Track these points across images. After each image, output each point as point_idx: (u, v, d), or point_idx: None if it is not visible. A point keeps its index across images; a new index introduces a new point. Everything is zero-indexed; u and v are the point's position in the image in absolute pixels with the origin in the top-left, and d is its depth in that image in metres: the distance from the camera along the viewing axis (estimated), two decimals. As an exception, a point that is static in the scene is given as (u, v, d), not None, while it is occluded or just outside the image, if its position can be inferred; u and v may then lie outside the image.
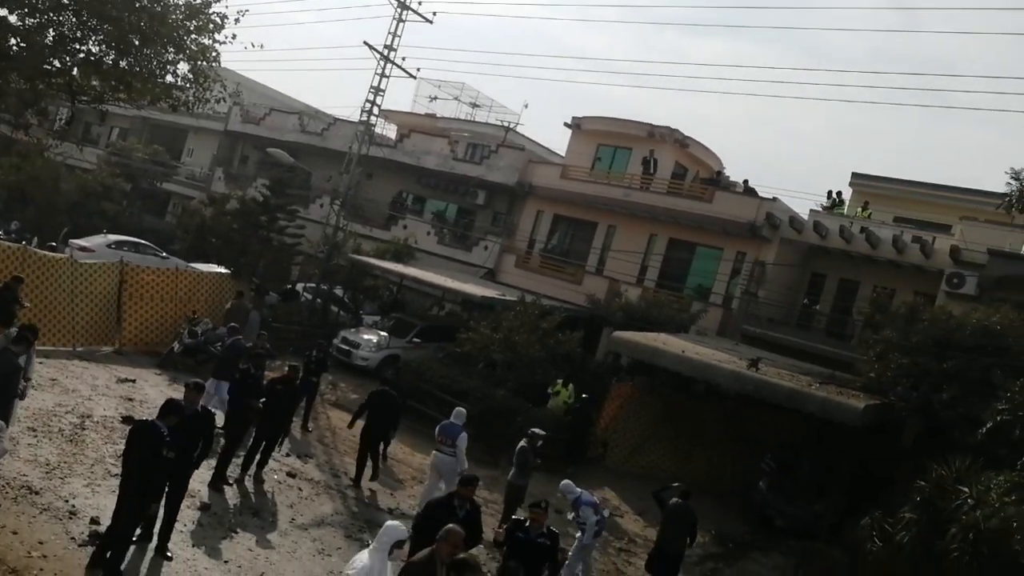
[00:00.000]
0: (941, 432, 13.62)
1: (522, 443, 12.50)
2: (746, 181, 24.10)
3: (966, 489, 11.08)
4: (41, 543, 7.87)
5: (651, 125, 26.03)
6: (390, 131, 35.23)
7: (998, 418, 11.62)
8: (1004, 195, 17.29)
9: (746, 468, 16.83)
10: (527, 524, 8.08)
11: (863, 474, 14.94)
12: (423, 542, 6.94)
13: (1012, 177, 13.09)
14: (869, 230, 20.76)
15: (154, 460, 7.48)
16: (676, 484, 11.79)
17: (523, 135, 32.43)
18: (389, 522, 6.07)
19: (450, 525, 6.29)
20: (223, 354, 14.19)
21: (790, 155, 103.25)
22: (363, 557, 5.67)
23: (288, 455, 12.99)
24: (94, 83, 13.82)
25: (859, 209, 23.25)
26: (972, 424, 12.59)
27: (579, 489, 10.88)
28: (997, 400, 11.95)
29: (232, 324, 15.27)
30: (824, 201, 23.61)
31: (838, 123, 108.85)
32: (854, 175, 25.98)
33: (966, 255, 18.96)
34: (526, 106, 50.54)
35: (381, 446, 13.28)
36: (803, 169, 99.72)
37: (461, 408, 12.62)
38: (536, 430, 12.81)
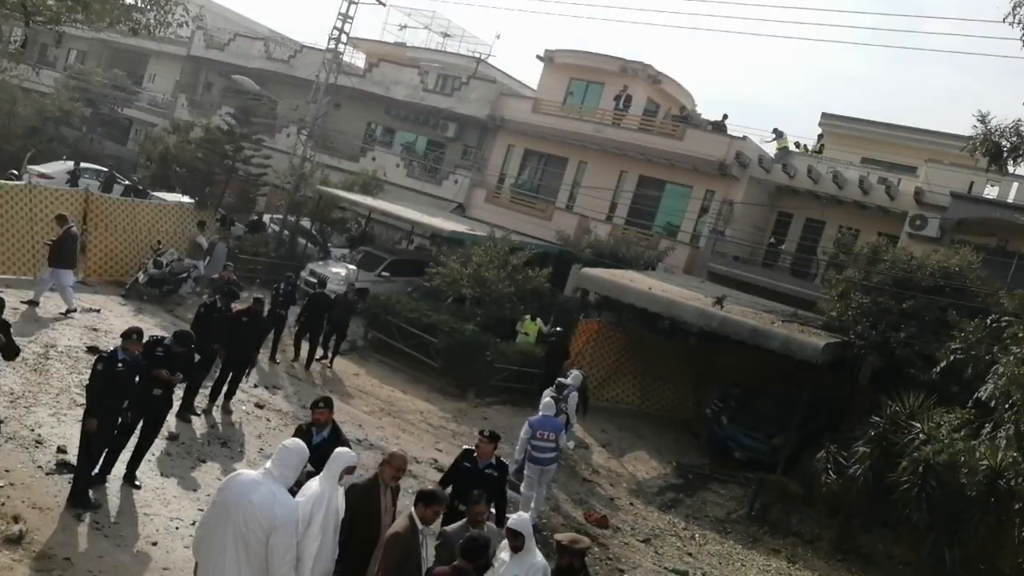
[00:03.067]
0: (898, 370, 14.03)
1: (551, 393, 12.39)
2: (725, 116, 23.93)
3: (918, 425, 11.53)
4: (7, 471, 7.88)
5: (624, 60, 25.73)
6: (359, 60, 34.39)
7: (951, 357, 11.98)
8: (970, 138, 17.46)
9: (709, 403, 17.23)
10: (474, 454, 7.86)
11: (820, 409, 15.38)
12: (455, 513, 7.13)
13: (978, 120, 13.14)
14: (837, 171, 20.92)
15: (114, 389, 7.71)
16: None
17: (495, 67, 31.88)
18: (339, 448, 6.13)
19: (394, 449, 6.66)
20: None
21: (762, 95, 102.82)
22: (313, 484, 5.74)
23: (256, 386, 13.03)
24: (50, 3, 13.26)
25: (812, 145, 23.37)
26: (928, 362, 12.98)
27: (544, 412, 10.92)
28: (952, 340, 12.29)
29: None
30: (766, 137, 23.55)
31: (810, 63, 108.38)
32: (823, 115, 26.01)
33: (930, 197, 19.26)
34: (498, 37, 50.36)
35: (325, 344, 15.42)
36: (775, 110, 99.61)
37: (549, 399, 11.63)
38: (560, 380, 12.81)
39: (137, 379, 8.02)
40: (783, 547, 12.31)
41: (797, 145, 23.31)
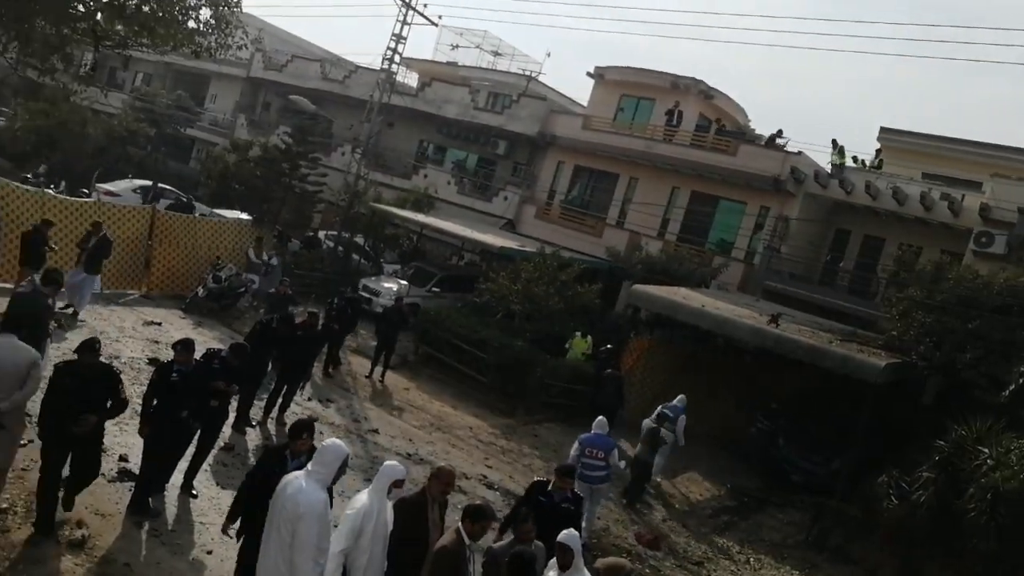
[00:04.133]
0: (963, 392, 13.55)
1: (650, 422, 12.85)
2: (779, 131, 23.57)
3: (986, 450, 11.06)
4: (70, 479, 8.07)
5: (675, 76, 25.59)
6: (411, 79, 34.89)
7: (1021, 380, 11.52)
8: (1038, 152, 16.92)
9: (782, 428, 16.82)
10: (549, 487, 7.64)
11: (882, 432, 14.93)
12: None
13: (1047, 134, 12.80)
14: (897, 186, 20.41)
15: (169, 399, 7.86)
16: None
17: (545, 85, 32.07)
18: (387, 462, 6.14)
19: (440, 464, 6.56)
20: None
21: (817, 109, 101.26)
22: (362, 497, 5.77)
23: (310, 399, 13.18)
24: (118, 28, 13.75)
25: (868, 160, 22.81)
26: (995, 384, 12.52)
27: (598, 430, 10.84)
28: (1022, 362, 11.83)
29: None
30: (821, 149, 23.04)
31: (868, 77, 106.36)
32: (882, 129, 25.41)
33: (996, 213, 18.63)
34: (548, 55, 50.40)
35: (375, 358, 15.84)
36: (831, 124, 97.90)
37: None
38: (665, 410, 13.26)
39: (193, 389, 8.14)
40: (842, 575, 11.93)
41: (855, 160, 22.78)
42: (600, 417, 11.27)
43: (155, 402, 7.86)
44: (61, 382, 6.94)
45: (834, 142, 22.53)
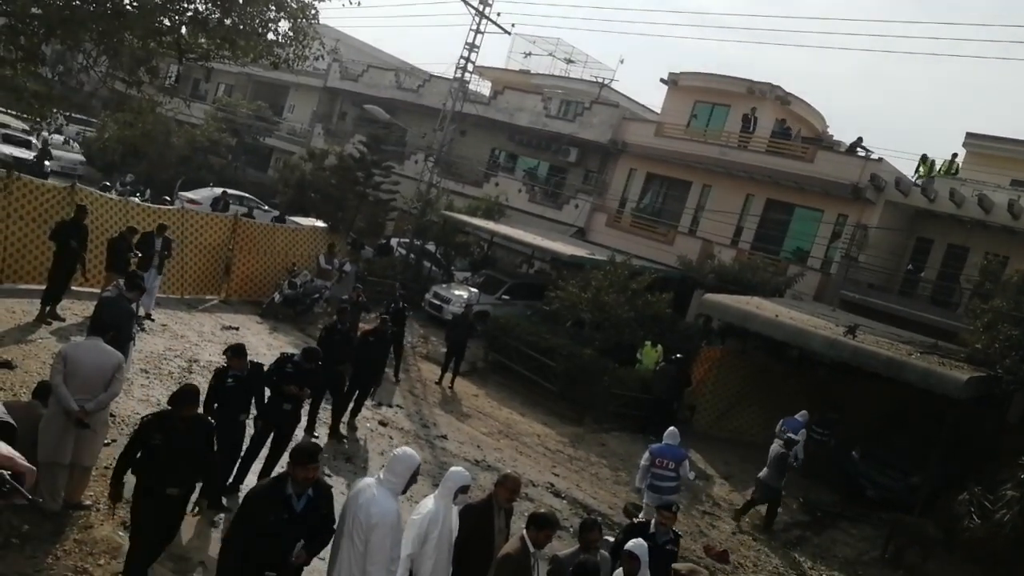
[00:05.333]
0: (1052, 408, 12.95)
1: (779, 448, 12.73)
2: (860, 139, 22.91)
3: (1075, 469, 10.56)
4: (153, 477, 8.42)
5: (751, 81, 25.16)
6: (484, 88, 35.26)
7: (1114, 397, 10.95)
8: None
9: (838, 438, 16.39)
10: (652, 529, 7.28)
11: (963, 448, 14.37)
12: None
13: None
14: (983, 193, 19.62)
15: (225, 403, 8.02)
16: None
17: (618, 91, 31.92)
18: (453, 468, 6.20)
19: (508, 471, 6.51)
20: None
21: (900, 114, 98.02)
22: (428, 503, 5.85)
23: (380, 405, 13.42)
24: (201, 41, 14.26)
25: (945, 162, 21.96)
26: (1086, 401, 11.92)
27: (670, 441, 10.79)
28: (1116, 378, 11.24)
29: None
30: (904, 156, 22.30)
31: (953, 80, 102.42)
32: (968, 135, 24.48)
33: (1090, 222, 17.74)
34: (622, 62, 50.71)
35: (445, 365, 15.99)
36: (913, 129, 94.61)
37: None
38: (791, 436, 13.31)
39: (248, 393, 8.29)
40: (920, 594, 11.54)
41: (931, 166, 21.97)
42: (671, 428, 11.18)
43: (215, 406, 8.02)
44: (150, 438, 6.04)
45: (924, 157, 21.76)
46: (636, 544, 6.07)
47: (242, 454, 8.66)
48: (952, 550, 12.52)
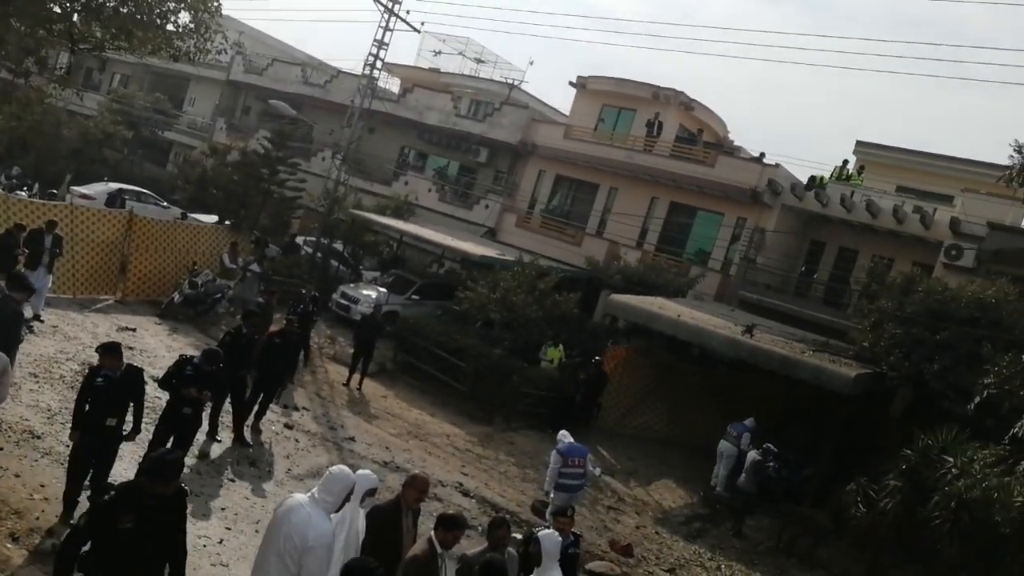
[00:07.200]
0: (930, 402, 13.81)
1: (756, 456, 13.57)
2: (762, 154, 23.72)
3: (951, 459, 11.32)
4: (43, 486, 8.06)
5: (656, 87, 25.82)
6: (393, 85, 34.94)
7: (985, 392, 11.76)
8: (1007, 167, 17.25)
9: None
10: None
11: (852, 441, 15.16)
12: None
13: (1015, 150, 13.03)
14: (871, 199, 20.72)
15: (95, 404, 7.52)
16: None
17: (527, 93, 32.22)
18: (360, 471, 6.21)
19: (415, 471, 6.54)
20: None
21: (794, 121, 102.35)
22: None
23: (285, 407, 13.17)
24: (95, 31, 13.70)
25: (855, 172, 23.12)
26: (962, 395, 12.77)
27: (569, 440, 11.03)
28: (986, 374, 12.08)
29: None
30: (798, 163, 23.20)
31: (844, 89, 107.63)
32: (858, 143, 25.83)
33: (966, 227, 18.97)
34: (531, 63, 50.91)
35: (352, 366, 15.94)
36: (806, 135, 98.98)
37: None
38: (769, 446, 13.93)
39: (120, 396, 7.70)
40: (811, 581, 12.12)
41: (841, 173, 22.94)
42: (563, 430, 11.42)
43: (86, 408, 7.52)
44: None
45: (812, 177, 22.49)
46: (546, 535, 6.23)
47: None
48: (841, 537, 13.21)
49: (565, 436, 11.10)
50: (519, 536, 7.86)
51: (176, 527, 5.28)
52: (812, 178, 22.57)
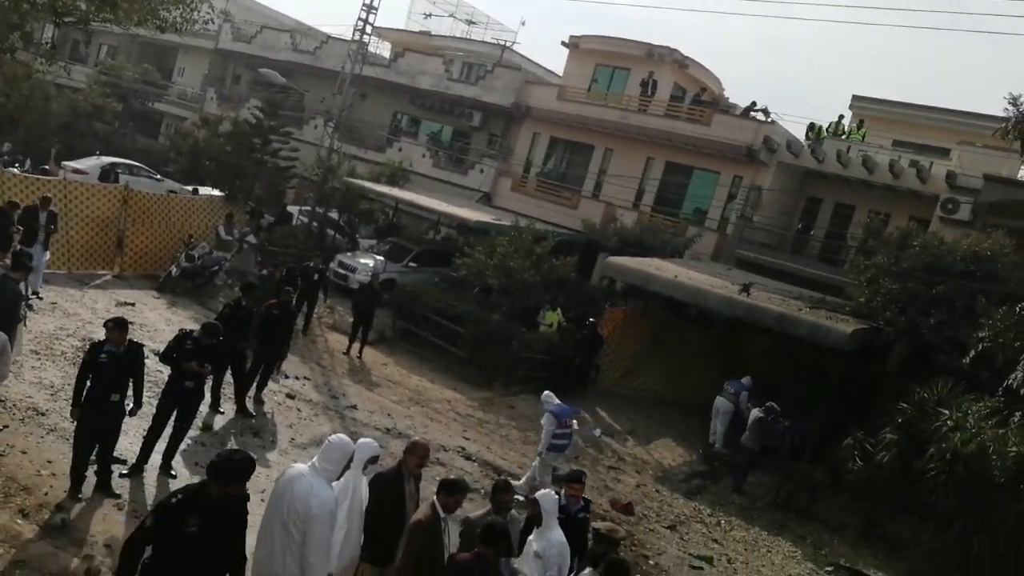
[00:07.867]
0: (926, 357, 13.91)
1: (759, 414, 13.73)
2: (753, 103, 23.65)
3: (946, 412, 11.44)
4: (50, 462, 8.15)
5: (650, 45, 25.56)
6: (384, 50, 34.53)
7: (980, 346, 11.84)
8: (1003, 119, 17.14)
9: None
10: (563, 501, 7.06)
11: (849, 396, 15.29)
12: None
13: (1009, 103, 12.94)
14: (867, 154, 20.65)
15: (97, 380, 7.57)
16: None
17: (520, 54, 31.87)
18: (362, 439, 6.29)
19: (416, 438, 6.87)
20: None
21: (791, 77, 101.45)
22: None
23: (287, 377, 13.25)
24: (79, 3, 13.54)
25: (854, 127, 23.02)
26: (958, 349, 12.86)
27: (557, 401, 11.16)
28: (981, 327, 12.15)
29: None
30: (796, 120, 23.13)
31: (841, 44, 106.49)
32: (854, 98, 25.64)
33: (962, 180, 18.96)
34: (523, 23, 50.09)
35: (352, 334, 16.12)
36: (803, 91, 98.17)
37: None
38: (772, 404, 13.96)
39: (124, 371, 7.76)
40: (809, 534, 12.33)
41: (838, 129, 22.84)
42: (547, 391, 11.57)
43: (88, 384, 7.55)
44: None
45: (811, 125, 22.54)
46: (543, 494, 6.42)
47: (145, 433, 8.49)
48: (838, 492, 13.41)
49: (552, 397, 11.24)
50: (521, 498, 8.02)
51: (238, 531, 5.09)
52: (811, 125, 22.49)
